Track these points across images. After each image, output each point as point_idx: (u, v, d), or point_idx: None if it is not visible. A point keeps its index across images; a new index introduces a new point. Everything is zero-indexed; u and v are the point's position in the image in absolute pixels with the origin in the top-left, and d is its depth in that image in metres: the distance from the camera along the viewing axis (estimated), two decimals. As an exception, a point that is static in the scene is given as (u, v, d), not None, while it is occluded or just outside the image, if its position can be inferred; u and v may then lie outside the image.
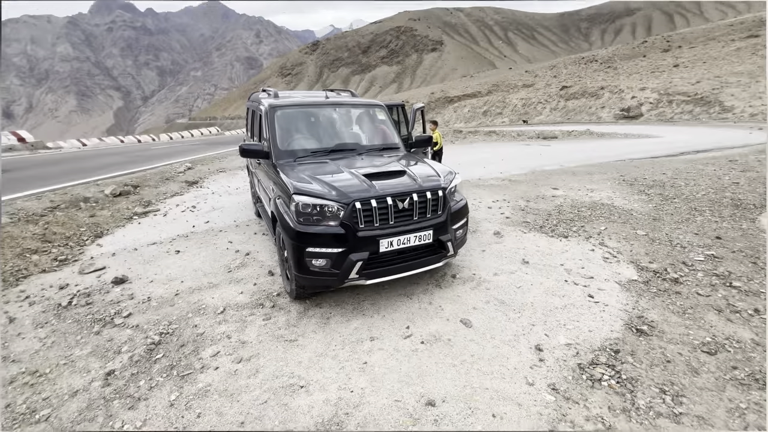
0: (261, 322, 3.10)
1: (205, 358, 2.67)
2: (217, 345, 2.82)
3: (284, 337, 2.90)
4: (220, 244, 4.93)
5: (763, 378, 2.26)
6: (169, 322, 3.12)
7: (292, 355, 2.68)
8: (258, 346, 2.80)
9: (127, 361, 2.65)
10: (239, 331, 2.98)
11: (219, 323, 3.11)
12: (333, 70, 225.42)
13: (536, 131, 21.65)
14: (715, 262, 3.91)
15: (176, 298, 3.54)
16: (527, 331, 2.82)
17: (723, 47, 40.82)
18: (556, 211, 5.96)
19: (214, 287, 3.74)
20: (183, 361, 2.65)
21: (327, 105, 4.37)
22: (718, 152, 11.83)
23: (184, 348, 2.80)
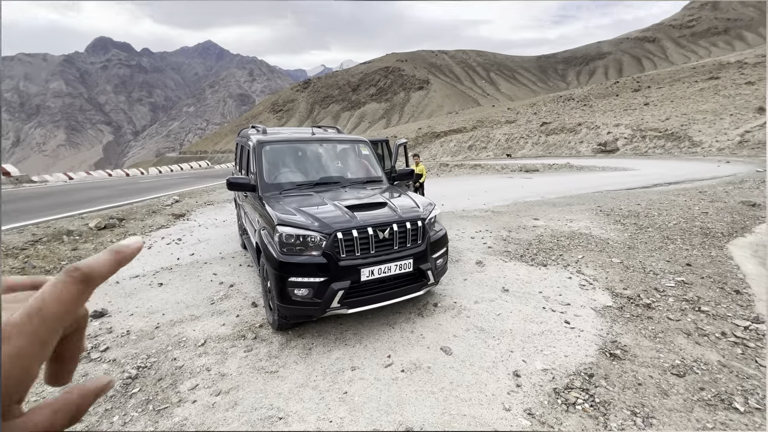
0: (242, 354, 3.08)
1: (183, 392, 2.63)
2: (195, 378, 2.79)
3: (265, 368, 2.89)
4: (205, 276, 4.92)
5: (729, 398, 2.35)
6: (147, 356, 3.08)
7: (272, 386, 2.67)
8: (238, 378, 2.78)
9: (102, 397, 2.58)
10: (219, 364, 2.96)
11: (199, 356, 3.08)
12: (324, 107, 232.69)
13: (519, 164, 22.48)
14: (685, 288, 4.08)
15: (156, 331, 3.50)
16: (506, 358, 2.87)
17: (688, 88, 43.93)
18: (536, 241, 6.15)
19: (196, 319, 3.71)
20: (160, 395, 2.61)
21: (312, 140, 4.59)
22: (689, 184, 12.47)
23: (161, 382, 2.75)
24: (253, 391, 2.61)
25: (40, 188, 16.92)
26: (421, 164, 8.77)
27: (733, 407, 2.27)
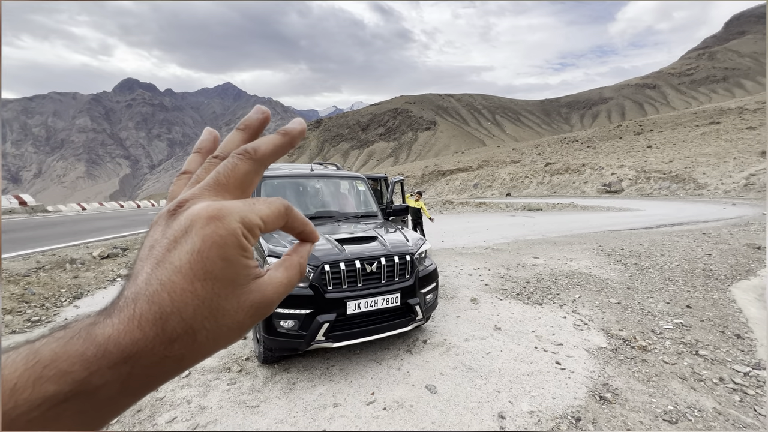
0: (225, 387, 3.04)
1: (161, 425, 2.59)
2: (175, 410, 2.74)
3: (246, 402, 2.84)
4: (198, 307, 4.93)
5: (722, 448, 2.24)
6: (130, 386, 3.05)
7: (251, 421, 2.61)
8: (217, 411, 2.73)
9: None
10: (201, 396, 2.92)
11: (182, 387, 3.04)
12: (334, 145, 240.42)
13: (523, 203, 22.62)
14: (683, 331, 3.98)
15: (143, 361, 3.48)
16: (492, 398, 2.79)
17: (690, 132, 44.77)
18: (534, 279, 6.09)
19: (184, 350, 3.69)
20: (137, 426, 2.57)
21: (311, 176, 4.77)
22: (693, 226, 12.38)
23: (140, 413, 2.72)
24: (230, 426, 2.56)
25: (52, 217, 17.41)
26: (420, 201, 8.91)
27: (727, 458, 2.16)
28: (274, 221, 0.32)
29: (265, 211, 0.31)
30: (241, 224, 0.29)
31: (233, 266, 0.28)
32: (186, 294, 0.26)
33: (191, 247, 0.27)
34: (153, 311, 0.26)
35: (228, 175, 0.31)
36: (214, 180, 0.31)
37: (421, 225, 8.83)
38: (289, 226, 0.34)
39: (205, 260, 0.27)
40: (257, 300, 0.30)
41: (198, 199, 0.30)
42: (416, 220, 8.78)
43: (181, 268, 0.27)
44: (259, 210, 0.30)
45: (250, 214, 0.29)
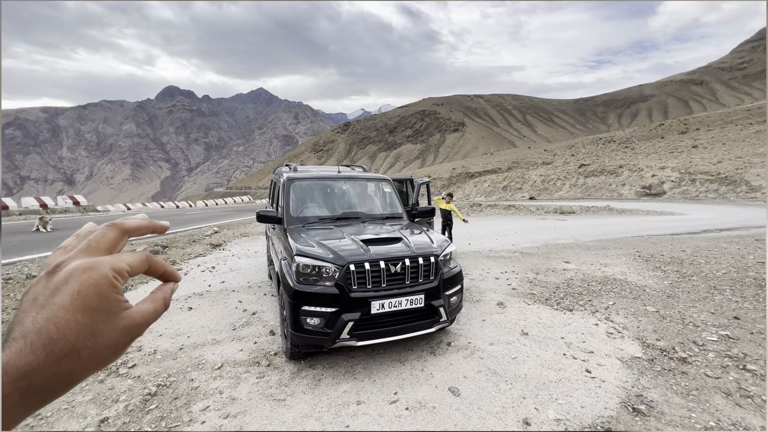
0: (254, 380, 3.18)
1: (195, 412, 2.74)
2: (208, 400, 2.90)
3: (274, 396, 2.95)
4: (231, 303, 5.16)
5: (770, 470, 2.08)
6: (168, 375, 3.25)
7: (277, 414, 2.71)
8: (247, 403, 2.85)
9: (122, 410, 2.76)
10: (232, 388, 3.06)
11: (214, 378, 3.20)
12: (361, 147, 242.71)
13: (554, 206, 21.83)
14: (729, 343, 3.71)
15: (180, 352, 3.70)
16: (517, 404, 2.74)
17: (741, 130, 41.47)
18: (564, 285, 5.89)
19: (217, 344, 3.89)
20: (173, 413, 2.73)
21: (338, 178, 4.88)
22: (744, 231, 11.47)
23: (177, 401, 2.89)
24: (258, 417, 2.67)
25: (101, 216, 18.74)
26: (451, 203, 8.65)
27: (775, 480, 2.00)
28: (139, 266, 0.42)
29: (130, 259, 0.41)
30: (112, 270, 0.39)
31: (107, 300, 0.37)
32: (69, 323, 0.35)
33: (71, 290, 0.36)
34: (42, 339, 0.34)
35: (98, 241, 0.42)
36: (86, 245, 0.41)
37: (450, 228, 8.63)
38: (152, 270, 0.45)
39: (83, 298, 0.36)
40: (128, 324, 0.39)
41: (73, 260, 0.39)
42: (446, 223, 8.54)
43: (63, 305, 0.35)
44: (126, 259, 0.41)
45: (118, 262, 0.40)
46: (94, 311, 0.36)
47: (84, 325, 0.36)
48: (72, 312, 0.35)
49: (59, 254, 0.41)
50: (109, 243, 0.42)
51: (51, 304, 0.35)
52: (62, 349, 0.34)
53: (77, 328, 0.35)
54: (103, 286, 0.37)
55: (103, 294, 0.37)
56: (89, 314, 0.36)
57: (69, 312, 0.35)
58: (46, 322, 0.35)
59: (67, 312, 0.35)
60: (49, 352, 0.34)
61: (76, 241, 0.43)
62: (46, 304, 0.36)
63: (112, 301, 0.38)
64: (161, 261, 0.46)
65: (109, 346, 0.38)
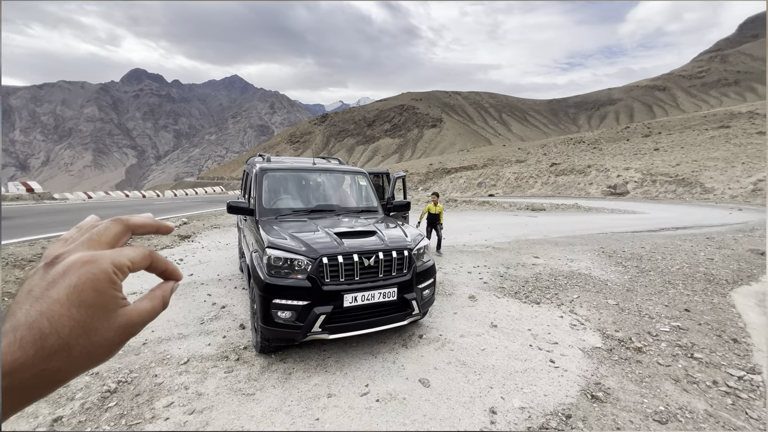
0: (222, 375, 3.10)
1: (158, 409, 2.65)
2: (172, 395, 2.80)
3: (242, 390, 2.89)
4: (199, 296, 5.00)
5: (711, 449, 2.25)
6: (130, 371, 3.12)
7: (246, 408, 2.66)
8: (214, 398, 2.78)
9: (78, 408, 2.62)
10: (198, 383, 2.97)
11: (180, 374, 3.10)
12: (339, 140, 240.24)
13: (526, 203, 22.52)
14: (680, 333, 3.98)
15: (143, 347, 3.55)
16: (484, 393, 2.82)
17: (698, 135, 44.23)
18: (533, 279, 6.10)
19: (183, 338, 3.76)
20: (134, 410, 2.62)
21: (313, 170, 4.80)
22: (697, 230, 12.29)
23: (138, 397, 2.78)
24: (225, 413, 2.61)
25: (59, 205, 17.60)
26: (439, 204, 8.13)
27: (714, 459, 2.17)
28: (141, 261, 0.41)
29: (132, 254, 0.40)
30: (112, 264, 0.37)
31: (104, 296, 0.36)
32: (63, 318, 0.33)
33: (68, 284, 0.34)
34: (33, 334, 0.32)
35: (101, 234, 0.40)
36: (87, 238, 0.39)
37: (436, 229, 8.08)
38: (154, 267, 0.43)
39: (80, 292, 0.34)
40: (124, 322, 0.37)
41: (73, 252, 0.37)
42: (433, 223, 8.08)
43: (59, 299, 0.33)
44: (127, 254, 0.39)
45: (119, 257, 0.38)
46: (90, 307, 0.35)
47: (78, 321, 0.34)
48: (67, 306, 0.34)
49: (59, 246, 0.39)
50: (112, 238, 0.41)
51: (46, 297, 0.34)
52: (53, 346, 0.32)
53: (71, 324, 0.33)
54: (102, 281, 0.36)
55: (101, 290, 0.35)
56: (84, 310, 0.34)
57: (64, 306, 0.33)
58: (39, 315, 0.33)
59: (62, 306, 0.33)
60: (39, 348, 0.32)
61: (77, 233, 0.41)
62: (40, 296, 0.34)
63: (109, 297, 0.36)
64: (163, 258, 0.45)
65: (103, 345, 0.36)
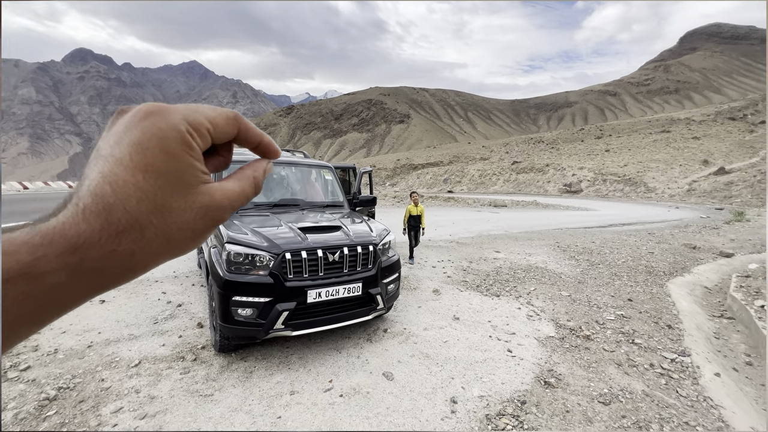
0: (177, 376, 2.95)
1: (105, 415, 2.48)
2: (121, 400, 2.63)
3: (200, 391, 2.77)
4: (153, 294, 4.72)
5: (647, 425, 2.47)
6: (72, 376, 2.89)
7: (203, 410, 2.56)
8: (168, 401, 2.65)
9: (10, 419, 2.39)
10: (151, 386, 2.82)
11: (130, 377, 2.92)
12: (305, 133, 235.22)
13: (489, 200, 23.34)
14: (623, 321, 4.31)
15: (88, 350, 3.30)
16: (446, 384, 2.91)
17: (643, 138, 47.88)
18: (494, 272, 6.34)
19: (135, 339, 3.54)
20: (77, 417, 2.44)
21: (276, 163, 4.66)
22: (641, 226, 13.35)
23: (83, 404, 2.58)
24: (181, 415, 2.49)
25: (-11, 196, 15.84)
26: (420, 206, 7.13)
27: (649, 434, 2.39)
28: (223, 125, 0.31)
29: (211, 113, 0.31)
30: (184, 121, 0.29)
31: (177, 161, 0.28)
32: (128, 185, 0.26)
33: (131, 139, 0.27)
34: (96, 203, 0.26)
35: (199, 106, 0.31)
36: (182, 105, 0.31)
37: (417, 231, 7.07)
38: (243, 137, 0.34)
39: (145, 151, 0.27)
40: (206, 202, 0.30)
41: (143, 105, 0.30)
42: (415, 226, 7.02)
43: (122, 159, 0.27)
44: (205, 112, 0.30)
45: (194, 114, 0.30)
46: (160, 175, 0.27)
47: (146, 191, 0.27)
48: (131, 170, 0.27)
49: None
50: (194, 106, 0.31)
51: (109, 157, 0.27)
52: (120, 221, 0.26)
53: (138, 195, 0.27)
54: (172, 140, 0.28)
55: (172, 152, 0.28)
56: (153, 178, 0.27)
57: (128, 169, 0.27)
58: (101, 179, 0.26)
59: (125, 170, 0.27)
60: (105, 221, 0.26)
61: None
62: (105, 156, 0.27)
63: (184, 165, 0.28)
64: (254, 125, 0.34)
65: (182, 229, 0.29)
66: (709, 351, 3.76)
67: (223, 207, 0.31)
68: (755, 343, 3.99)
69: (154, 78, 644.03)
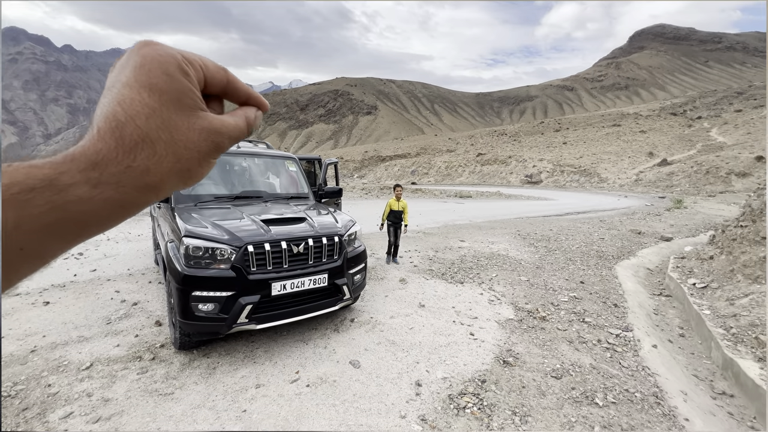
0: (134, 377, 2.83)
1: (53, 421, 2.33)
2: (71, 405, 2.49)
3: (159, 391, 2.68)
4: (105, 294, 4.45)
5: (592, 395, 2.69)
6: (14, 383, 2.68)
7: (163, 409, 2.48)
8: (124, 402, 2.53)
9: None
10: (104, 388, 2.68)
11: (81, 381, 2.76)
12: (270, 124, 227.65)
13: (455, 191, 23.91)
14: (575, 302, 4.63)
15: (31, 355, 3.07)
16: (411, 369, 3.00)
17: (597, 132, 50.78)
18: (459, 260, 6.55)
19: (85, 341, 3.33)
20: (21, 426, 2.28)
21: (237, 154, 4.51)
22: (593, 214, 14.26)
23: (26, 411, 2.41)
24: (139, 416, 2.40)
25: None
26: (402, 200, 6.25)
27: (594, 402, 2.61)
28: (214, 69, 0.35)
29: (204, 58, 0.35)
30: (179, 53, 0.32)
31: (176, 82, 0.32)
32: (135, 103, 0.30)
33: (134, 64, 0.31)
34: (108, 123, 0.29)
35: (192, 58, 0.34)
36: None
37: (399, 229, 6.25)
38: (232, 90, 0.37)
39: (147, 72, 0.31)
40: (206, 125, 0.33)
41: None
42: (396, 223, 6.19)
43: (127, 82, 0.30)
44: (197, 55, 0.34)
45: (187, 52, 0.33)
46: (163, 93, 0.31)
47: (153, 108, 0.30)
48: (137, 89, 0.30)
49: None
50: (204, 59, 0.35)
51: (116, 83, 0.31)
52: (132, 136, 0.29)
53: (146, 111, 0.30)
54: (170, 64, 0.31)
55: (171, 73, 0.31)
56: (157, 96, 0.30)
57: (134, 89, 0.30)
58: (112, 102, 0.30)
59: (131, 89, 0.30)
60: (119, 138, 0.29)
61: None
62: (112, 85, 0.31)
63: (183, 87, 0.32)
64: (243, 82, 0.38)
65: (189, 147, 0.32)
66: (649, 326, 4.13)
67: (222, 133, 0.34)
68: (687, 317, 4.43)
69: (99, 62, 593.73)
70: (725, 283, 4.66)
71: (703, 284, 4.88)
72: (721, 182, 25.20)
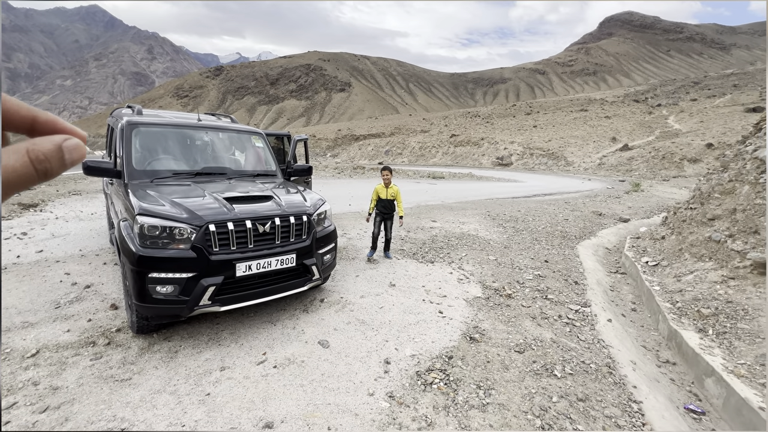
0: (87, 363, 2.67)
1: (-7, 413, 2.16)
2: (15, 395, 2.32)
3: (115, 377, 2.54)
4: (53, 276, 4.14)
5: (552, 367, 2.83)
6: (-54, 374, 2.46)
7: (119, 396, 2.36)
8: (76, 390, 2.39)
9: None
10: (53, 376, 2.51)
11: (25, 369, 2.57)
12: (238, 98, 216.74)
13: (428, 171, 24.02)
14: (539, 280, 4.82)
15: (-33, 344, 2.82)
16: (380, 347, 3.02)
17: (565, 116, 52.22)
18: (430, 240, 6.62)
19: (30, 327, 3.10)
20: (-44, 420, 2.10)
21: (198, 127, 4.22)
22: (559, 196, 14.81)
23: (-38, 404, 2.22)
24: (92, 404, 2.27)
25: None
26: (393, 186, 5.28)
27: (553, 374, 2.74)
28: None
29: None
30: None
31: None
32: None
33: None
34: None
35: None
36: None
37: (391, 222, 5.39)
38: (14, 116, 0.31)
39: None
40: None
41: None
42: (386, 214, 5.30)
43: None
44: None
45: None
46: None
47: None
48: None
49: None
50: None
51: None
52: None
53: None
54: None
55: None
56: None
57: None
58: None
59: None
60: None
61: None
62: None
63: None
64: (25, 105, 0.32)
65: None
66: (605, 301, 4.38)
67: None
68: (639, 293, 4.74)
69: (43, 23, 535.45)
70: (674, 261, 5.00)
71: (655, 262, 5.21)
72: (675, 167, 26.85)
